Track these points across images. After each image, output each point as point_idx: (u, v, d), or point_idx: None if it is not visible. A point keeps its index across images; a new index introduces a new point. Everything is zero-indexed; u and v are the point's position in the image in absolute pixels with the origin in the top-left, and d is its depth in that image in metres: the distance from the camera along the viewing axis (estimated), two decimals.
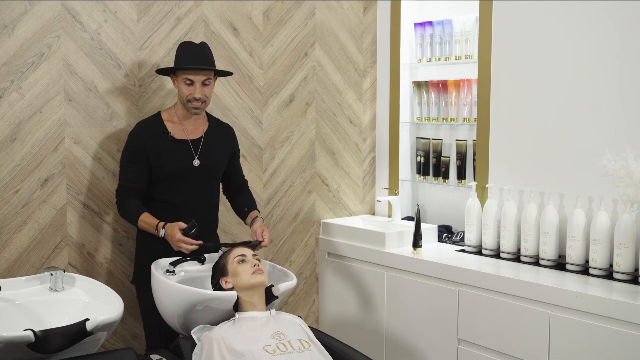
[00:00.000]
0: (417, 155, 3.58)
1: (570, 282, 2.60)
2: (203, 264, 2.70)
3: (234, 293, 2.37)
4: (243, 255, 2.45)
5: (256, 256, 2.49)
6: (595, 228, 2.65)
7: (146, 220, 2.64)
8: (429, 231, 3.32)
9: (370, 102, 3.74)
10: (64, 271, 2.44)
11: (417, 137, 3.60)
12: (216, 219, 2.90)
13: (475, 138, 3.26)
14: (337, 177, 3.65)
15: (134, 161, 2.69)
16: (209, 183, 2.81)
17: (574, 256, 2.75)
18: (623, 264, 2.59)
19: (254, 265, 2.42)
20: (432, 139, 3.52)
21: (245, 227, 3.21)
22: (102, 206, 2.89)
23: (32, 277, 2.44)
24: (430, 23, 3.46)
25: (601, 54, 2.76)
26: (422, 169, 3.55)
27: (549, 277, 2.68)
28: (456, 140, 3.42)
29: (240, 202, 2.94)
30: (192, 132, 2.77)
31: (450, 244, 3.32)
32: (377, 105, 3.75)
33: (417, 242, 3.12)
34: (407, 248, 3.23)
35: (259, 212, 2.88)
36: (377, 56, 3.72)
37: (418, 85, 3.56)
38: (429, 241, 3.31)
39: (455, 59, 3.38)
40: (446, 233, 3.38)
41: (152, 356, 2.33)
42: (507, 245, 2.99)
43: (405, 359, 3.14)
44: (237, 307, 2.41)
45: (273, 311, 2.43)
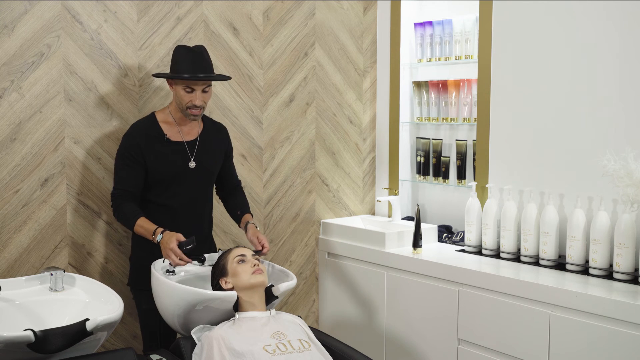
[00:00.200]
0: (417, 155, 3.58)
1: (570, 282, 2.60)
2: (203, 264, 2.70)
3: (234, 293, 2.37)
4: (243, 256, 2.45)
5: (256, 256, 2.49)
6: (595, 228, 2.65)
7: (143, 225, 2.60)
8: (429, 231, 3.32)
9: (370, 102, 3.74)
10: (64, 271, 2.44)
11: (417, 137, 3.60)
12: (211, 220, 2.89)
13: (475, 138, 3.26)
14: (337, 177, 3.65)
15: (130, 164, 2.65)
16: (204, 184, 2.79)
17: (574, 256, 2.75)
18: (623, 264, 2.59)
19: (254, 265, 2.43)
20: (432, 139, 3.52)
21: None
22: (102, 206, 2.89)
23: (32, 277, 2.44)
24: (430, 23, 3.46)
25: (601, 54, 2.76)
26: (422, 169, 3.55)
27: (549, 277, 2.68)
28: (456, 140, 3.42)
29: (233, 204, 2.91)
30: (187, 133, 2.74)
31: (450, 244, 3.32)
32: (377, 105, 3.75)
33: (417, 242, 3.12)
34: (407, 248, 3.23)
35: (252, 215, 2.85)
36: (377, 56, 3.72)
37: (418, 85, 3.56)
38: (429, 241, 3.31)
39: (455, 59, 3.38)
40: (446, 233, 3.38)
41: (152, 356, 2.33)
42: (507, 245, 2.99)
43: (405, 359, 3.14)
44: (237, 307, 2.41)
45: (273, 311, 2.43)
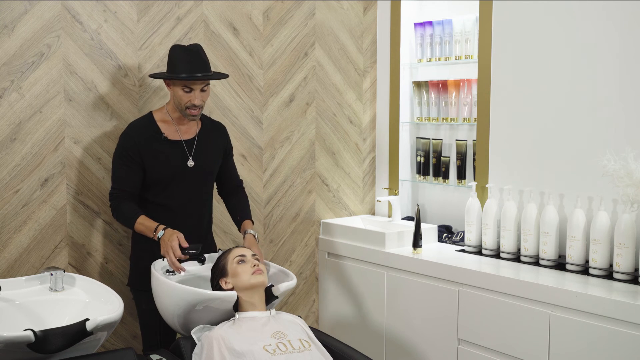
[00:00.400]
0: (417, 155, 3.58)
1: (570, 282, 2.60)
2: (203, 264, 2.70)
3: (234, 293, 2.37)
4: (242, 256, 2.45)
5: (255, 256, 2.49)
6: (595, 228, 2.65)
7: (143, 223, 2.59)
8: (429, 231, 3.32)
9: (370, 102, 3.74)
10: (64, 271, 2.44)
11: (417, 137, 3.60)
12: (210, 219, 2.89)
13: (475, 138, 3.26)
14: (337, 177, 3.65)
15: (128, 163, 2.64)
16: (203, 183, 2.78)
17: (574, 256, 2.75)
18: (623, 264, 2.59)
19: (254, 266, 2.43)
20: (432, 139, 3.52)
21: None
22: (102, 206, 2.89)
23: (32, 277, 2.44)
24: (430, 23, 3.46)
25: (601, 54, 2.76)
26: (422, 169, 3.55)
27: (549, 277, 2.68)
28: (456, 140, 3.42)
29: (233, 207, 2.89)
30: (185, 132, 2.73)
31: (450, 244, 3.32)
32: (377, 105, 3.75)
33: (417, 242, 3.12)
34: (407, 248, 3.23)
35: (252, 222, 2.82)
36: (377, 56, 3.72)
37: (418, 85, 3.56)
38: (429, 241, 3.31)
39: (455, 59, 3.38)
40: (446, 233, 3.38)
41: (152, 356, 2.33)
42: (507, 245, 2.99)
43: (405, 359, 3.14)
44: (237, 307, 2.41)
45: (273, 311, 2.43)
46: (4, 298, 2.32)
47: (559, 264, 2.84)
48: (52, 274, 2.41)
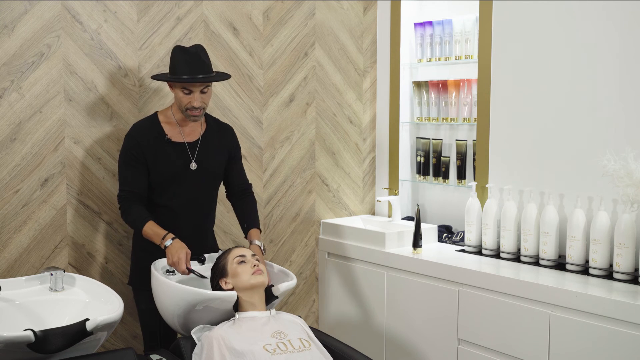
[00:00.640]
0: (417, 155, 3.58)
1: (570, 282, 2.60)
2: (203, 264, 2.70)
3: (234, 293, 2.37)
4: (242, 256, 2.45)
5: (255, 256, 2.49)
6: (595, 228, 2.65)
7: (152, 229, 2.58)
8: (429, 231, 3.32)
9: (370, 102, 3.74)
10: (64, 271, 2.44)
11: (417, 137, 3.60)
12: (213, 221, 2.88)
13: (475, 138, 3.26)
14: (337, 177, 3.65)
15: (134, 164, 2.64)
16: (206, 186, 2.76)
17: (574, 256, 2.75)
18: (623, 264, 2.59)
19: (254, 266, 2.42)
20: (432, 139, 3.52)
21: None
22: (102, 206, 2.89)
23: (32, 277, 2.44)
24: (430, 23, 3.46)
25: (601, 54, 2.76)
26: (422, 169, 3.55)
27: (549, 277, 2.68)
28: (456, 140, 3.42)
29: (240, 213, 2.84)
30: (189, 134, 2.72)
31: (450, 244, 3.32)
32: (377, 105, 3.75)
33: (417, 242, 3.12)
34: (407, 248, 3.23)
35: (260, 230, 2.78)
36: (377, 56, 3.72)
37: (418, 85, 3.56)
38: (429, 241, 3.31)
39: (455, 59, 3.38)
40: (446, 233, 3.38)
41: (152, 356, 2.33)
42: (507, 245, 2.99)
43: (405, 359, 3.14)
44: (237, 307, 2.41)
45: (273, 311, 2.43)
46: (4, 298, 2.32)
47: (559, 264, 2.84)
48: (52, 274, 2.41)
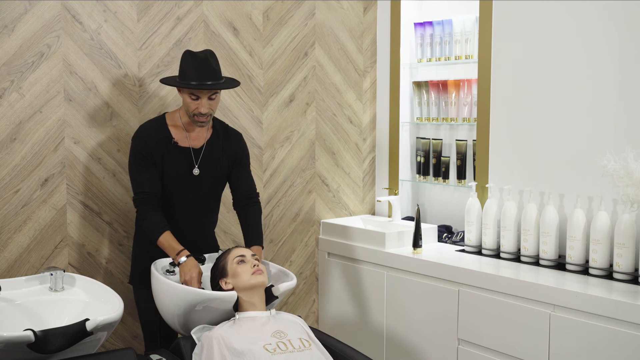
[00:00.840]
0: (417, 155, 3.58)
1: (570, 282, 2.60)
2: (203, 264, 2.70)
3: (234, 293, 2.37)
4: (242, 256, 2.45)
5: (255, 256, 2.49)
6: (595, 228, 2.65)
7: (169, 241, 2.55)
8: (429, 231, 3.32)
9: (370, 102, 3.74)
10: (64, 271, 2.45)
11: (417, 137, 3.60)
12: (214, 222, 2.88)
13: (475, 138, 3.26)
14: (337, 177, 3.65)
15: (145, 165, 2.62)
16: (208, 191, 2.75)
17: (574, 256, 2.75)
18: (623, 264, 2.59)
19: (254, 266, 2.43)
20: (432, 139, 3.52)
21: None
22: (102, 206, 2.89)
23: (32, 277, 2.44)
24: (430, 23, 3.46)
25: (601, 54, 2.76)
26: (422, 169, 3.55)
27: (549, 277, 2.68)
28: (456, 140, 3.42)
29: (244, 226, 2.78)
30: (194, 139, 2.70)
31: (450, 244, 3.32)
32: (377, 105, 3.75)
33: (417, 242, 3.12)
34: (407, 248, 3.23)
35: (262, 247, 2.71)
36: (377, 56, 3.72)
37: (418, 85, 3.56)
38: (429, 241, 3.31)
39: (455, 59, 3.38)
40: (446, 233, 3.38)
41: (152, 356, 2.33)
42: (507, 245, 2.99)
43: (405, 359, 3.14)
44: (237, 307, 2.41)
45: (273, 311, 2.44)
46: (4, 298, 2.32)
47: (559, 264, 2.84)
48: (52, 274, 2.41)
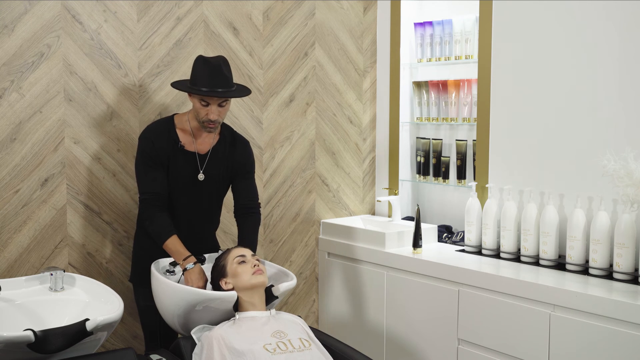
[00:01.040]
0: (417, 155, 3.58)
1: (570, 282, 2.60)
2: (203, 264, 2.70)
3: (234, 293, 2.37)
4: (242, 256, 2.46)
5: (255, 256, 2.49)
6: (595, 228, 2.65)
7: (175, 246, 2.56)
8: (429, 231, 3.32)
9: (370, 102, 3.74)
10: (64, 271, 2.45)
11: (417, 137, 3.60)
12: (216, 225, 2.88)
13: (475, 138, 3.26)
14: (337, 177, 3.65)
15: (153, 165, 2.61)
16: (211, 196, 2.75)
17: (574, 256, 2.75)
18: (623, 264, 2.59)
19: (254, 266, 2.43)
20: (432, 139, 3.52)
21: None
22: (102, 206, 2.89)
23: (32, 277, 2.44)
24: (430, 23, 3.46)
25: (601, 54, 2.76)
26: (422, 169, 3.55)
27: (549, 277, 2.68)
28: (456, 140, 3.42)
29: (240, 235, 2.77)
30: (201, 144, 2.70)
31: (450, 244, 3.32)
32: (377, 105, 3.75)
33: (417, 242, 3.12)
34: (407, 248, 3.23)
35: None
36: (377, 56, 3.72)
37: (418, 85, 3.56)
38: (429, 241, 3.31)
39: (455, 59, 3.38)
40: (446, 233, 3.38)
41: (152, 356, 2.33)
42: (507, 245, 2.99)
43: (405, 359, 3.14)
44: (237, 307, 2.41)
45: (273, 311, 2.44)
46: (4, 298, 2.32)
47: (559, 264, 2.84)
48: (52, 274, 2.41)
